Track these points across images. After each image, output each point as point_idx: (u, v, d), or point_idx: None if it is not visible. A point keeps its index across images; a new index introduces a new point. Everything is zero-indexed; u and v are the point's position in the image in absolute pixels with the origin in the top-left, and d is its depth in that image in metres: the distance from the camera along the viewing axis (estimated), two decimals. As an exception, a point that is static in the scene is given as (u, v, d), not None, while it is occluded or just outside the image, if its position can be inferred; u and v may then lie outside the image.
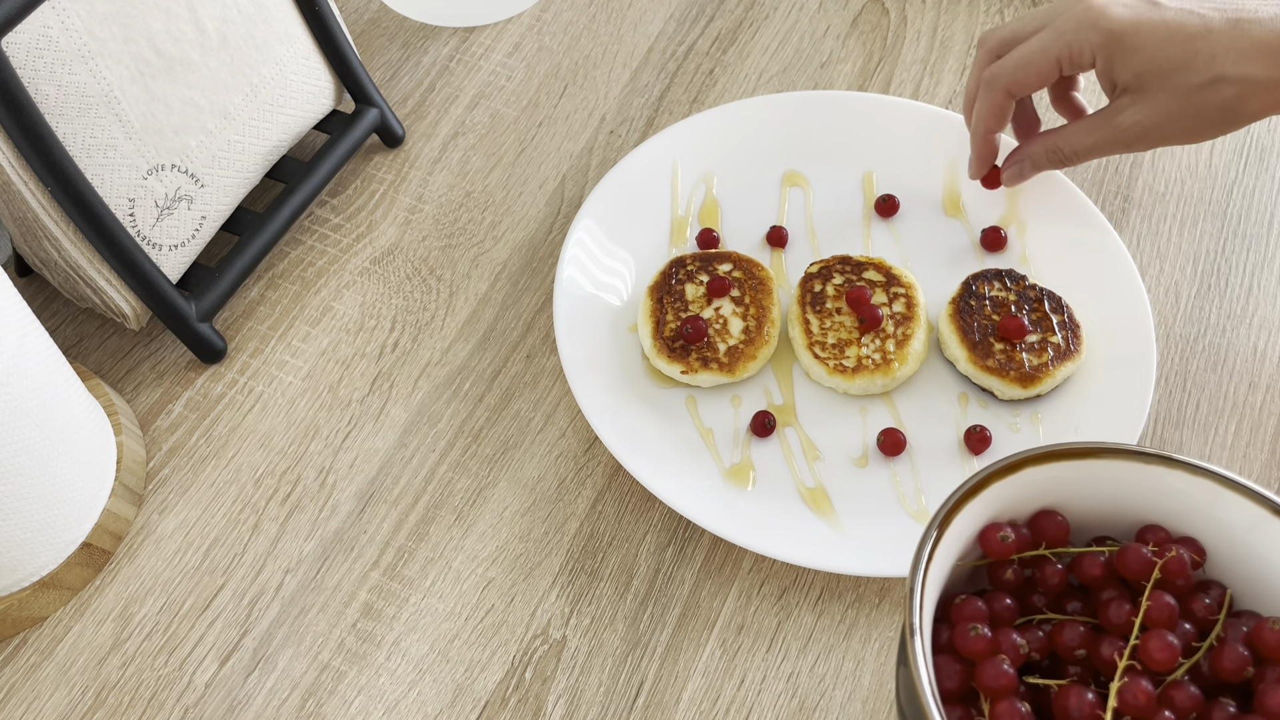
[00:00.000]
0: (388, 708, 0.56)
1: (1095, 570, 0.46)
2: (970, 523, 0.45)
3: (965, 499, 0.44)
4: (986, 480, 0.44)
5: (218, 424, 0.64)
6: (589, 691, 0.56)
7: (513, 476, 0.62)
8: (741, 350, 0.63)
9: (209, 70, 0.63)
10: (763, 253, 0.69)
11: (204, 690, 0.56)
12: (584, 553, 0.60)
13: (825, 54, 0.79)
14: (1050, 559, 0.46)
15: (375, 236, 0.71)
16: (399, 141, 0.75)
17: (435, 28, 0.81)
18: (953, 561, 0.45)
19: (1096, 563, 0.46)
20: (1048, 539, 0.46)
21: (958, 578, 0.47)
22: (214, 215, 0.65)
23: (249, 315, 0.68)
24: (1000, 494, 0.45)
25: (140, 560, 0.60)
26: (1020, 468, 0.45)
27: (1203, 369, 0.65)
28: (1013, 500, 0.46)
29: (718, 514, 0.58)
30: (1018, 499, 0.46)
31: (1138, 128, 0.60)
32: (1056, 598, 0.47)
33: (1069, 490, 0.46)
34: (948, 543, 0.43)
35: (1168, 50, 0.57)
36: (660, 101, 0.77)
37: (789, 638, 0.57)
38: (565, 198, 0.73)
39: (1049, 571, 0.46)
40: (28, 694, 0.56)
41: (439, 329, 0.68)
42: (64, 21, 0.56)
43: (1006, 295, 0.64)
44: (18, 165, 0.57)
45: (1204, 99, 0.57)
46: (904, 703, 0.43)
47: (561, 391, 0.65)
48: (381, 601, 0.59)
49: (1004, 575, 0.46)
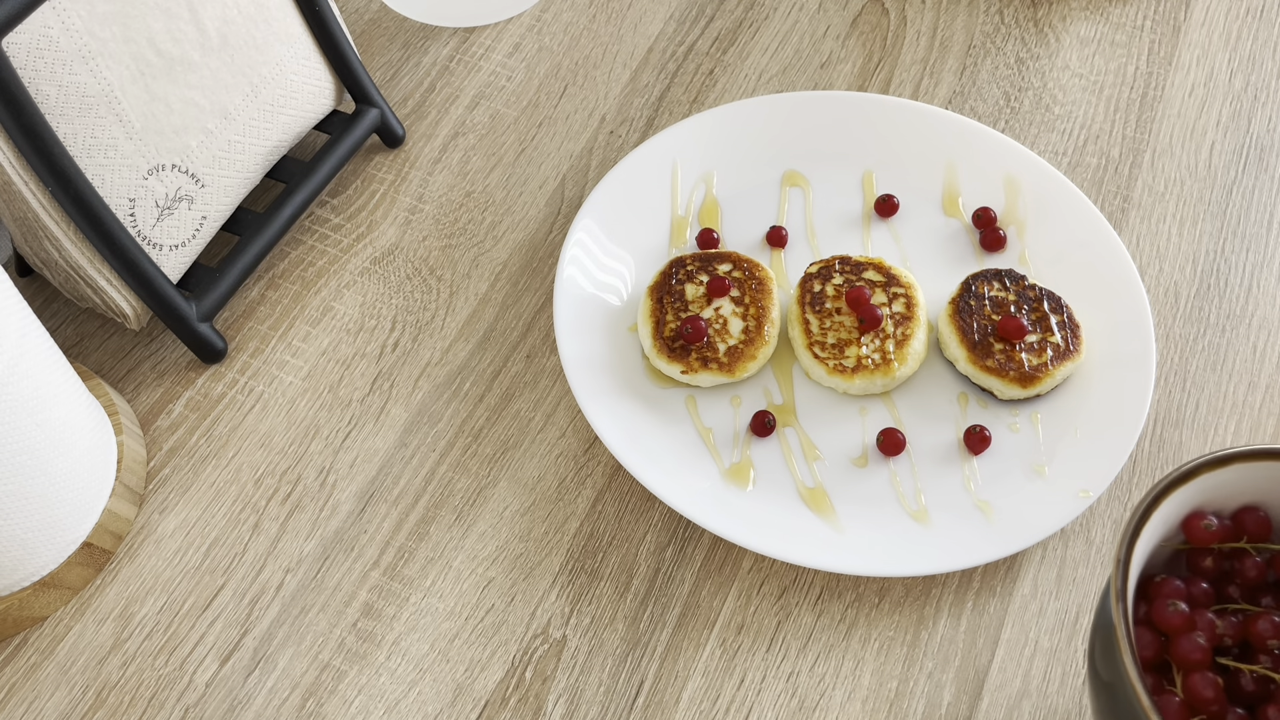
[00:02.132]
0: (388, 707, 0.56)
1: None
2: (1177, 508, 0.46)
3: (1175, 484, 0.46)
4: (1197, 470, 0.46)
5: (218, 424, 0.64)
6: (589, 691, 0.56)
7: (513, 476, 0.62)
8: (741, 350, 0.63)
9: (209, 70, 0.63)
10: (762, 253, 0.69)
11: (204, 690, 0.56)
12: (584, 552, 0.60)
13: (825, 54, 0.79)
14: (1250, 552, 0.47)
15: (375, 236, 0.71)
16: (399, 141, 0.75)
17: (435, 28, 0.81)
18: (1156, 542, 0.46)
19: None
20: (1249, 533, 0.48)
21: (1157, 559, 0.48)
22: (214, 215, 0.65)
23: (249, 315, 0.68)
24: (1208, 484, 0.46)
25: (141, 560, 0.60)
26: (1230, 462, 0.46)
27: (1202, 369, 0.65)
28: (1219, 493, 0.47)
29: (718, 514, 0.58)
30: (1224, 492, 0.47)
31: None
32: (1252, 590, 0.48)
33: (1275, 489, 0.47)
34: (1154, 522, 0.45)
35: None
36: (660, 101, 0.77)
37: (789, 637, 0.58)
38: (565, 198, 0.73)
39: (1248, 564, 0.47)
40: (28, 694, 0.56)
41: (439, 329, 0.68)
42: (64, 22, 0.56)
43: (1006, 295, 0.64)
44: (18, 165, 0.57)
45: None
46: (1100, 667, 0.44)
47: (561, 391, 0.65)
48: (382, 601, 0.59)
49: (1203, 562, 0.48)
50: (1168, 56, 0.78)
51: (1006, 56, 0.78)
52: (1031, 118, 0.75)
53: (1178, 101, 0.76)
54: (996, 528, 0.58)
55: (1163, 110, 0.75)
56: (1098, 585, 0.59)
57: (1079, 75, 0.77)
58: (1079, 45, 0.78)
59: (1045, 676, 0.56)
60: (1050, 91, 0.76)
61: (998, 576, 0.59)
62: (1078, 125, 0.75)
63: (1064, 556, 0.59)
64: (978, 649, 0.57)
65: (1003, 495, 0.60)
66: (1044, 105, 0.75)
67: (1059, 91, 0.76)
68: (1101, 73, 0.77)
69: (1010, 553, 0.57)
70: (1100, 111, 0.75)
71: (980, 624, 0.58)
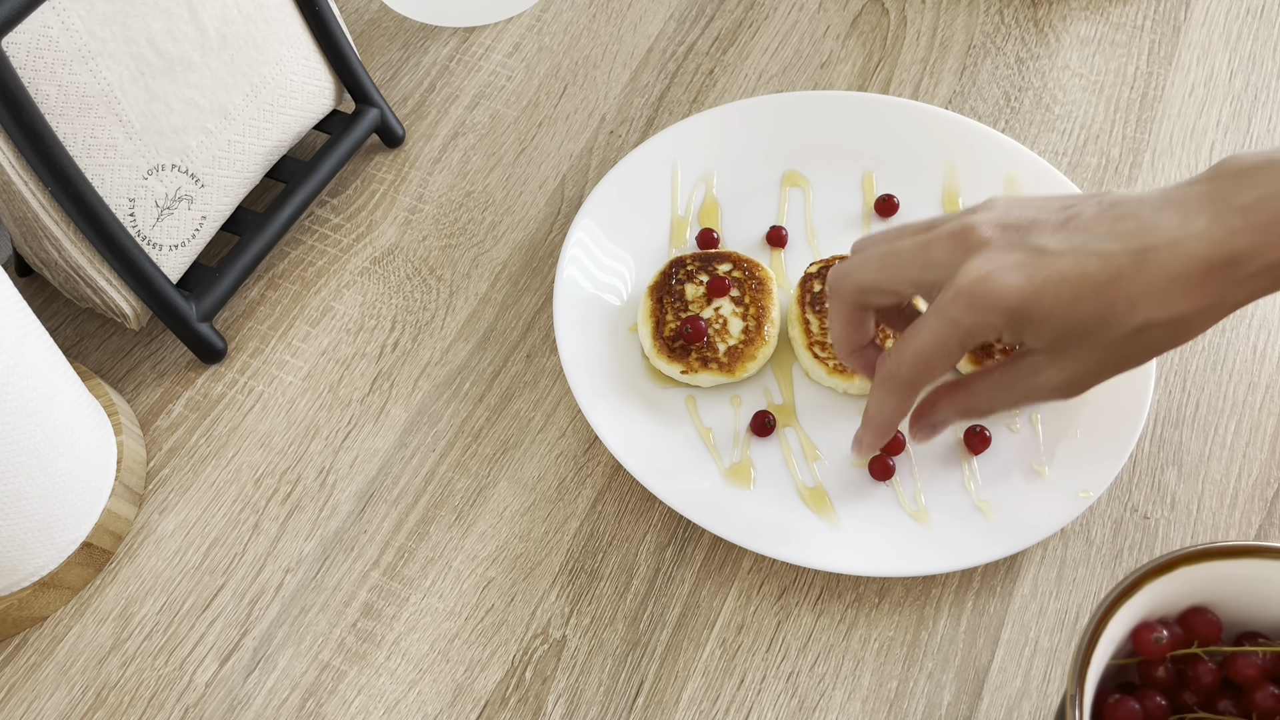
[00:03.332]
0: (388, 707, 0.56)
1: (1250, 670, 0.46)
2: (1123, 623, 0.45)
3: (1119, 601, 0.44)
4: (1140, 581, 0.45)
5: (218, 424, 0.64)
6: (589, 691, 0.56)
7: (513, 476, 0.62)
8: (741, 350, 0.63)
9: (209, 70, 0.63)
10: (762, 253, 0.69)
11: (204, 690, 0.56)
12: (584, 552, 0.60)
13: (825, 54, 0.79)
14: (1203, 658, 0.46)
15: (375, 236, 0.71)
16: (399, 141, 0.75)
17: (435, 28, 0.81)
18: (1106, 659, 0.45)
19: (1251, 663, 0.46)
20: (1199, 637, 0.47)
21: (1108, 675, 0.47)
22: (214, 215, 0.65)
23: (249, 315, 0.68)
24: (1153, 594, 0.45)
25: (140, 560, 0.60)
26: (1173, 567, 0.45)
27: (1203, 369, 0.65)
28: (1164, 599, 0.46)
29: (718, 514, 0.58)
30: (1170, 597, 0.46)
31: (1062, 385, 0.51)
32: (1208, 696, 0.47)
33: (1221, 587, 0.46)
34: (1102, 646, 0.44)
35: (1079, 310, 0.48)
36: (660, 101, 0.77)
37: (789, 637, 0.58)
38: (565, 198, 0.73)
39: (1201, 670, 0.46)
40: (28, 694, 0.56)
41: (439, 329, 0.68)
42: (64, 22, 0.56)
43: (1006, 295, 0.64)
44: (18, 165, 0.57)
45: (1132, 348, 0.49)
46: None
47: (561, 391, 0.65)
48: (381, 601, 0.59)
49: (1155, 673, 0.47)
50: (1168, 56, 0.78)
51: (1006, 56, 0.78)
52: (1031, 118, 0.75)
53: (1178, 101, 0.76)
54: (996, 528, 0.58)
55: (1163, 110, 0.75)
56: (1098, 585, 0.59)
57: (1079, 75, 0.77)
58: (1079, 45, 0.78)
59: (1045, 676, 0.56)
60: (1050, 91, 0.76)
61: (998, 576, 0.59)
62: (1078, 125, 0.75)
63: (1064, 556, 0.59)
64: (978, 649, 0.57)
65: (1002, 495, 0.60)
66: (1044, 105, 0.75)
67: (1059, 91, 0.76)
68: (1101, 73, 0.77)
69: (1010, 553, 0.57)
70: (1100, 111, 0.75)
71: (980, 624, 0.58)
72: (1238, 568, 0.46)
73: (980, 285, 0.48)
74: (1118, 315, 0.47)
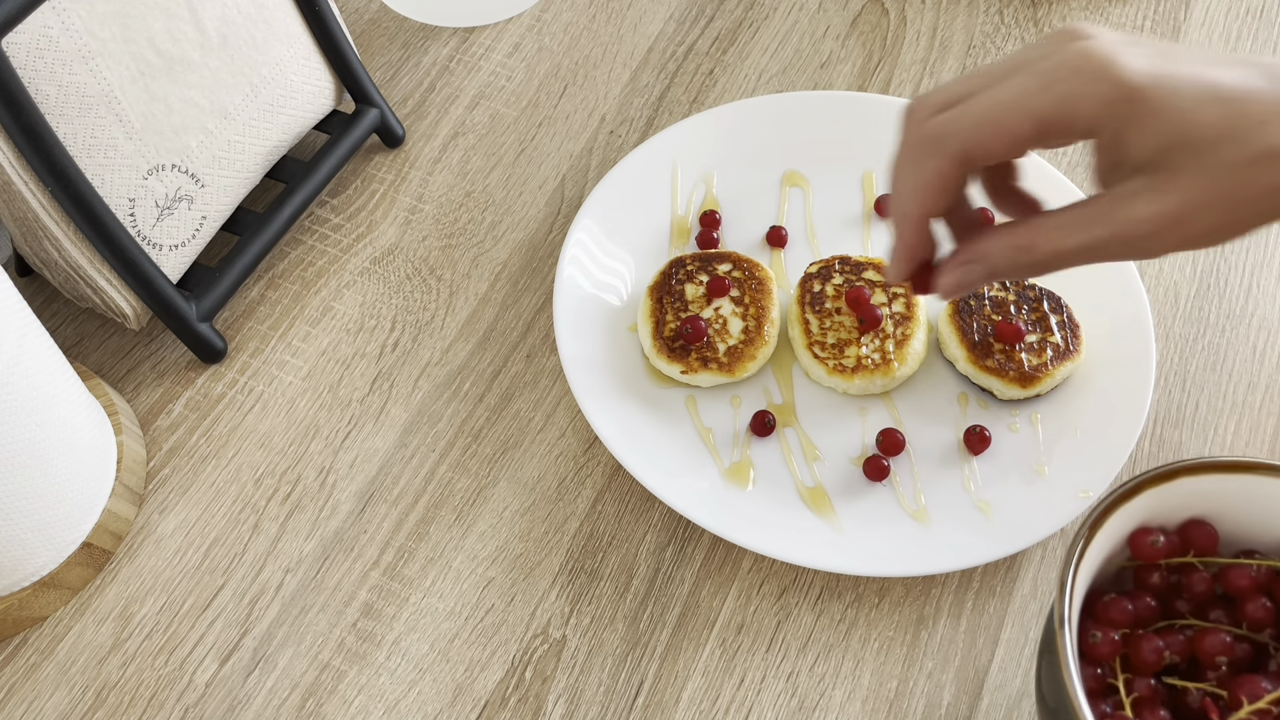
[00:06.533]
0: (388, 707, 0.56)
1: (1243, 581, 0.47)
2: (1122, 525, 0.46)
3: (1119, 502, 0.45)
4: (1141, 485, 0.46)
5: (218, 424, 0.64)
6: (589, 691, 0.56)
7: (513, 476, 0.62)
8: (741, 350, 0.63)
9: (209, 70, 0.63)
10: (762, 253, 0.69)
11: (204, 690, 0.56)
12: (584, 552, 0.60)
13: (825, 54, 0.79)
14: (1197, 567, 0.47)
15: (375, 236, 0.71)
16: (399, 141, 0.75)
17: (435, 28, 0.81)
18: (1101, 560, 0.46)
19: (1245, 574, 0.47)
20: (1196, 547, 0.47)
21: (1105, 575, 0.48)
22: (214, 215, 0.66)
23: (249, 315, 0.68)
24: (1153, 500, 0.46)
25: (140, 560, 0.60)
26: (1175, 476, 0.46)
27: (1202, 369, 0.65)
28: (1165, 507, 0.47)
29: (718, 514, 0.58)
30: (1170, 506, 0.47)
31: (1156, 221, 0.43)
32: (1200, 605, 0.47)
33: (1221, 502, 0.47)
34: (1099, 542, 0.45)
35: (1203, 113, 0.41)
36: (660, 101, 0.77)
37: (788, 637, 0.58)
38: (565, 198, 0.73)
39: (1195, 579, 0.47)
40: (28, 694, 0.56)
41: (439, 329, 0.68)
42: (64, 22, 0.56)
43: (1006, 295, 0.64)
44: (18, 165, 0.57)
45: (1250, 181, 0.41)
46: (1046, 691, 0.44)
47: (561, 391, 0.65)
48: (381, 601, 0.59)
49: (1150, 579, 0.48)
50: (1168, 56, 0.78)
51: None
52: (1031, 118, 0.75)
53: (1178, 101, 0.76)
54: (996, 528, 0.58)
55: (1163, 110, 0.75)
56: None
57: (1079, 75, 0.77)
58: (1079, 45, 0.78)
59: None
60: (1050, 91, 0.76)
61: (998, 576, 0.59)
62: (1078, 125, 0.75)
63: (1064, 557, 0.59)
64: (978, 649, 0.57)
65: (1002, 495, 0.60)
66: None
67: (1059, 91, 0.76)
68: (1101, 73, 0.77)
69: (1010, 553, 0.57)
70: (1100, 111, 0.75)
71: (980, 624, 0.58)
72: (1238, 483, 0.46)
73: (1099, 51, 0.42)
74: (1243, 132, 0.41)
